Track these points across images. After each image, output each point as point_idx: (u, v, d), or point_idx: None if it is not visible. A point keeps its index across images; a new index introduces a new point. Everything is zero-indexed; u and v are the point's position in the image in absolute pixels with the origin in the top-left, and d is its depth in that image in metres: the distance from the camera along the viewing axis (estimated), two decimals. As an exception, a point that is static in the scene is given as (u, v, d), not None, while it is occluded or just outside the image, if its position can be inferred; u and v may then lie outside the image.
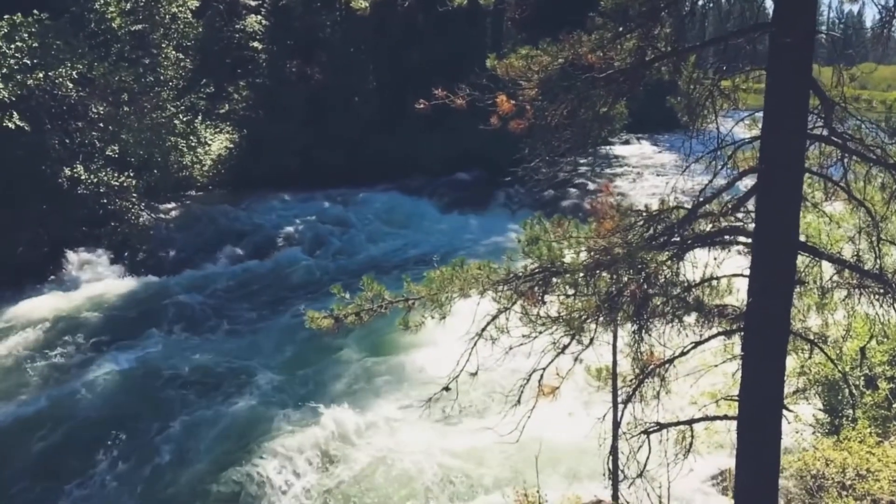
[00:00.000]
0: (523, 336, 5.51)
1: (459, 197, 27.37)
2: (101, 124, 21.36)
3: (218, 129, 27.99)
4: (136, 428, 12.64)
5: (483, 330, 5.71)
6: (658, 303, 5.53)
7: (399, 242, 23.03)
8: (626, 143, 33.24)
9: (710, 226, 5.68)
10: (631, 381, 6.29)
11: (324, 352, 15.16)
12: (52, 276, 19.96)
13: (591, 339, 5.40)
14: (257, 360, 15.13)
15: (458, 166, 29.02)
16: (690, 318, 6.07)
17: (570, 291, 5.77)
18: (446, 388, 6.14)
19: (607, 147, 22.19)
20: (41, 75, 18.92)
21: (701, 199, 5.69)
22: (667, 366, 5.97)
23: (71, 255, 20.49)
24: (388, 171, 27.93)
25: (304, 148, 28.06)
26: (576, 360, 5.57)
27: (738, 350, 6.57)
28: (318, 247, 22.93)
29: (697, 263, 5.70)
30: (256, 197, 26.03)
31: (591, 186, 25.75)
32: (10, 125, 18.05)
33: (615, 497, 7.94)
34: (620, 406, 6.85)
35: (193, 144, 24.75)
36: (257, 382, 14.09)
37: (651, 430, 6.21)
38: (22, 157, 19.48)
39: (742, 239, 5.78)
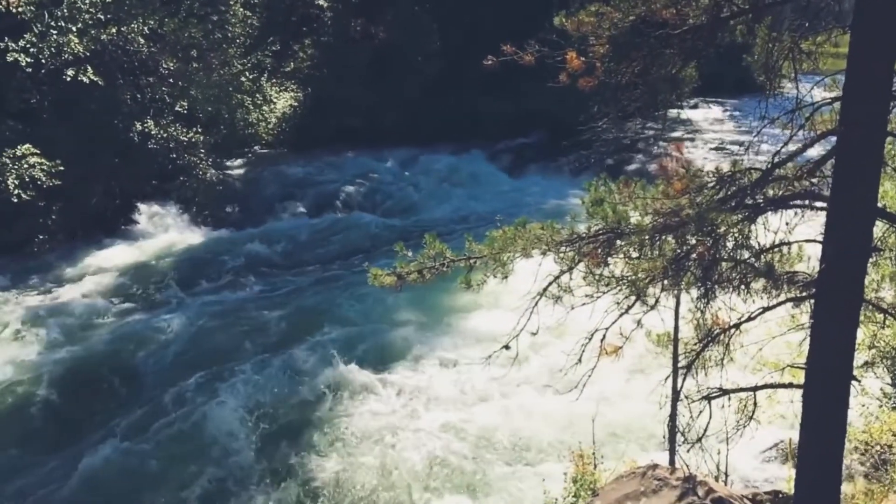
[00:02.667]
0: (586, 296, 5.47)
1: (521, 159, 27.13)
2: (171, 80, 21.80)
3: (283, 88, 28.24)
4: (197, 374, 13.07)
5: (545, 290, 5.69)
6: (726, 267, 5.41)
7: (460, 203, 23.03)
8: (695, 107, 32.31)
9: (784, 189, 5.51)
10: (693, 346, 6.21)
11: (384, 310, 15.35)
12: (124, 228, 20.67)
13: (657, 301, 5.33)
14: (317, 316, 15.40)
15: (520, 128, 28.69)
16: (757, 285, 5.93)
17: (635, 254, 5.70)
18: (506, 347, 6.15)
19: (676, 111, 21.55)
20: (114, 30, 19.39)
21: (775, 162, 5.52)
22: (731, 331, 5.87)
23: (141, 208, 21.15)
24: (450, 132, 27.80)
25: (367, 107, 28.10)
26: (638, 322, 5.51)
27: (805, 319, 6.41)
28: (379, 206, 23.12)
29: (769, 228, 5.55)
30: (319, 155, 26.28)
31: (657, 150, 25.19)
32: (84, 79, 18.58)
33: (672, 462, 7.91)
34: (681, 371, 6.78)
35: (259, 102, 25.13)
36: (317, 338, 14.35)
37: (713, 395, 6.14)
38: (96, 112, 20.05)
39: (817, 204, 5.59)
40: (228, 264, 18.63)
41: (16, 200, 17.60)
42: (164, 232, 20.70)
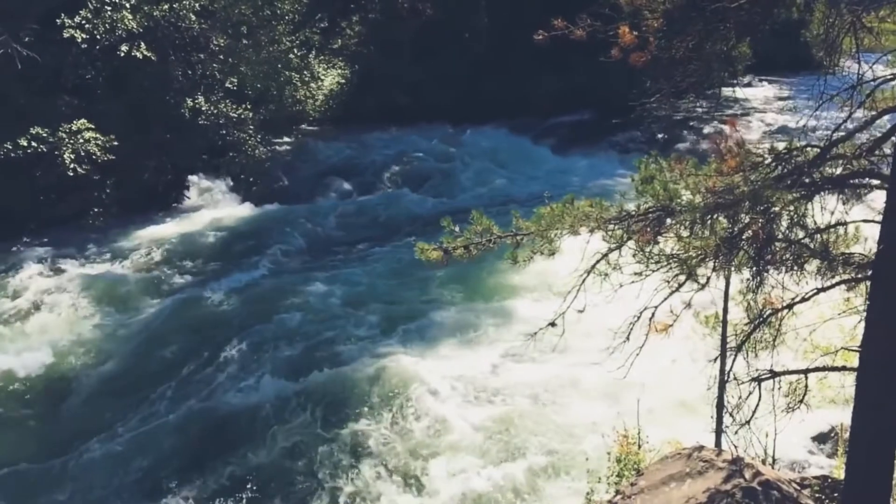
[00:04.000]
0: (635, 274, 5.41)
1: (568, 137, 26.85)
2: (221, 57, 22.05)
3: (331, 65, 28.36)
4: (241, 349, 13.29)
5: (593, 266, 5.65)
6: (779, 247, 5.30)
7: (506, 181, 22.92)
8: (749, 85, 31.57)
9: (842, 168, 5.37)
10: (743, 327, 6.12)
11: (428, 287, 15.41)
12: (175, 202, 21.06)
13: (708, 280, 5.25)
14: (361, 293, 15.49)
15: (567, 106, 28.38)
16: (811, 266, 5.81)
17: (685, 233, 5.61)
18: (552, 324, 6.13)
19: (729, 89, 21.09)
20: (166, 7, 19.66)
21: (833, 140, 5.37)
22: (784, 312, 5.76)
23: (192, 183, 21.51)
24: (496, 110, 27.63)
25: (414, 84, 28.07)
26: (688, 303, 5.44)
27: (860, 302, 6.27)
28: (425, 183, 23.13)
29: (826, 207, 5.42)
30: (366, 132, 26.37)
31: (708, 129, 24.70)
32: (138, 55, 18.92)
33: (718, 444, 7.83)
34: (730, 353, 6.69)
35: (307, 79, 25.32)
36: (362, 315, 14.45)
37: (763, 377, 6.04)
38: (148, 87, 20.42)
39: (875, 183, 5.43)
40: (275, 240, 18.87)
41: (71, 174, 18.07)
42: (214, 207, 21.05)
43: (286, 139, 25.73)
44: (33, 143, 17.88)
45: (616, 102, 22.99)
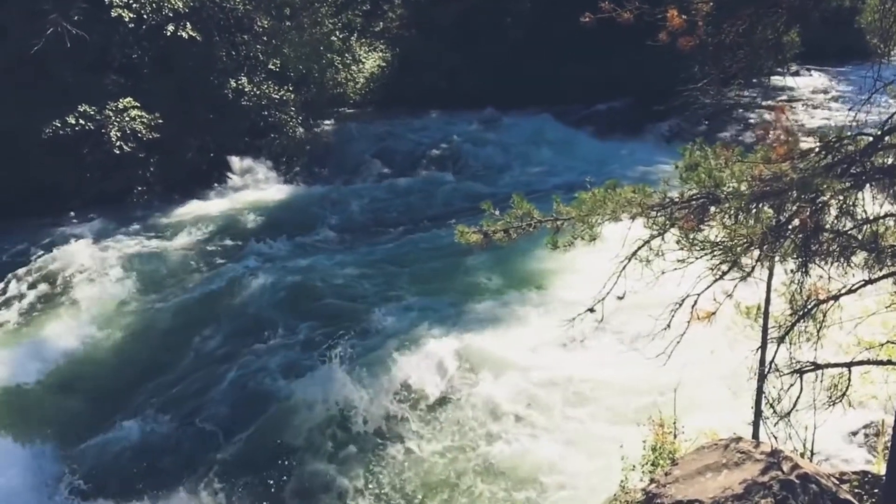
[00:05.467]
0: (678, 261, 5.36)
1: (609, 124, 26.54)
2: (265, 38, 22.21)
3: (372, 48, 28.38)
4: (277, 330, 13.46)
5: (635, 253, 5.61)
6: (826, 237, 5.21)
7: (545, 167, 22.78)
8: (797, 73, 30.85)
9: (894, 158, 5.24)
10: (786, 319, 6.03)
11: (466, 271, 15.41)
12: (217, 182, 21.33)
13: (753, 268, 5.19)
14: (398, 276, 15.57)
15: (608, 92, 28.02)
16: (858, 258, 5.70)
17: (730, 222, 5.54)
18: (591, 310, 6.11)
19: (777, 77, 20.65)
20: (212, -12, 19.84)
21: (886, 129, 5.25)
22: (829, 304, 5.66)
23: (234, 163, 21.76)
24: (536, 96, 27.40)
25: (454, 68, 27.97)
26: (729, 294, 5.37)
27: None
28: (463, 167, 23.09)
29: (876, 198, 5.30)
30: (405, 116, 26.37)
31: (753, 119, 24.25)
32: (183, 35, 19.15)
33: (755, 436, 7.75)
34: (770, 344, 6.60)
35: (348, 62, 25.39)
36: (398, 296, 14.54)
37: (805, 369, 5.95)
38: (193, 67, 20.65)
39: (930, 174, 5.30)
40: (314, 221, 19.05)
41: (117, 152, 18.41)
42: (255, 187, 21.29)
43: (326, 121, 25.86)
44: (81, 121, 18.25)
45: (657, 90, 22.70)
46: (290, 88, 22.64)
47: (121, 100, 18.73)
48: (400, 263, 16.29)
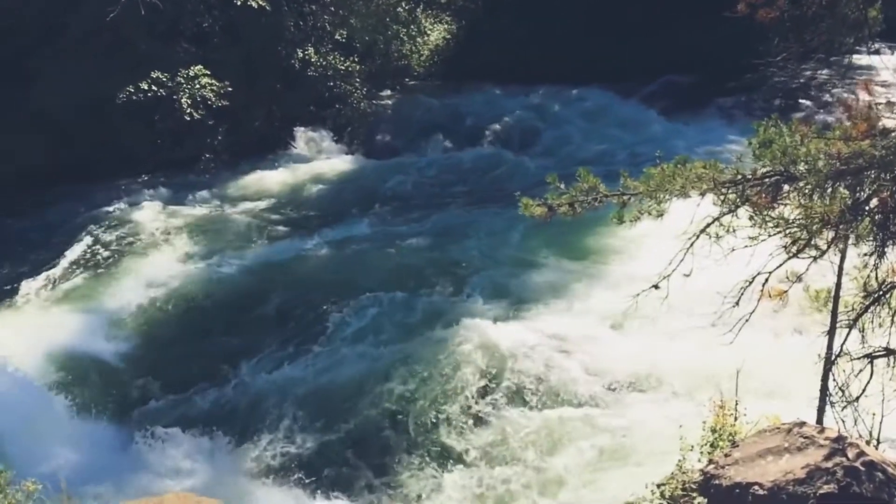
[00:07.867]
0: (749, 238, 5.26)
1: (675, 101, 25.88)
2: (332, 8, 22.30)
3: (437, 20, 28.24)
4: (334, 303, 13.49)
5: (703, 230, 5.52)
6: (907, 219, 5.04)
7: (609, 144, 22.41)
8: (878, 52, 29.57)
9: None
10: (859, 302, 5.86)
11: (528, 246, 15.32)
12: (281, 151, 21.63)
13: (827, 247, 5.05)
14: (457, 252, 15.49)
15: (675, 69, 27.33)
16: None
17: (805, 200, 5.40)
18: (656, 287, 6.06)
19: (854, 56, 19.83)
20: (282, -42, 19.98)
21: (975, 108, 5.03)
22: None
23: (298, 133, 22.02)
24: (601, 72, 26.88)
25: (519, 42, 27.66)
26: (805, 271, 5.24)
27: None
28: (526, 143, 22.89)
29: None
30: (469, 90, 26.19)
31: (828, 98, 23.38)
32: (253, 4, 19.38)
33: (820, 421, 7.58)
34: (839, 328, 6.43)
35: (414, 33, 25.32)
36: (459, 272, 14.51)
37: (877, 354, 5.79)
38: (261, 37, 20.91)
39: None
40: (375, 193, 19.18)
41: (188, 118, 18.81)
42: (318, 157, 21.52)
43: (390, 93, 25.91)
44: (153, 87, 18.69)
45: (727, 65, 22.04)
46: (356, 59, 22.74)
47: (192, 67, 19.10)
48: (457, 239, 16.18)
